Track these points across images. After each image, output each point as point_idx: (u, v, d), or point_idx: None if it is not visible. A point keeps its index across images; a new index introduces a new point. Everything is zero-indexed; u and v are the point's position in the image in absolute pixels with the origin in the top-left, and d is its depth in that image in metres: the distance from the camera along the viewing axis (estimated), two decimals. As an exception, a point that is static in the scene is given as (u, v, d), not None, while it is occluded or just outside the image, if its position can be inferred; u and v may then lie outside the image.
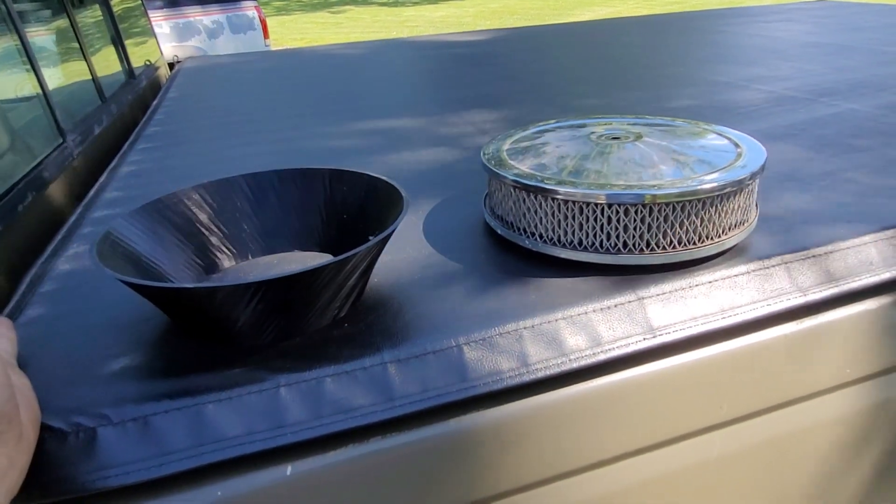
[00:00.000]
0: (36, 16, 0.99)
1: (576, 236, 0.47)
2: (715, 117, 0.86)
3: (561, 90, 1.11)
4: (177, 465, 0.35)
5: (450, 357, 0.40)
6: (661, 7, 9.35)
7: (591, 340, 0.42)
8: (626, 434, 0.44)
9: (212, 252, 0.51)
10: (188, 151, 0.87)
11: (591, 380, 0.42)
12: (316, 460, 0.37)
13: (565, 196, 0.46)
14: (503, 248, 0.52)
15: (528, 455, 0.42)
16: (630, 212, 0.45)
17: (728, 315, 0.45)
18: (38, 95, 0.85)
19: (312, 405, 0.37)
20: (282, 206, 0.54)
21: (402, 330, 0.41)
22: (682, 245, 0.47)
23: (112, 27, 1.42)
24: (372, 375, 0.39)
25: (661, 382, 0.44)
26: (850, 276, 0.48)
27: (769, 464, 0.51)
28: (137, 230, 0.46)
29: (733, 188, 0.46)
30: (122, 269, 0.41)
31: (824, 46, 1.35)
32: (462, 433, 0.40)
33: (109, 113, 1.13)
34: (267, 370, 0.38)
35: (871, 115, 0.83)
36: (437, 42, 1.81)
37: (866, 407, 0.53)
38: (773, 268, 0.47)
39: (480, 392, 0.39)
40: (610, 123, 0.61)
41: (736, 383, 0.46)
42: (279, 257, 0.53)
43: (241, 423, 0.36)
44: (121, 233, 0.45)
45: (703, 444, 0.47)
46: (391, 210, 0.47)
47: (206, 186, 0.52)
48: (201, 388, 0.37)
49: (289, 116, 1.03)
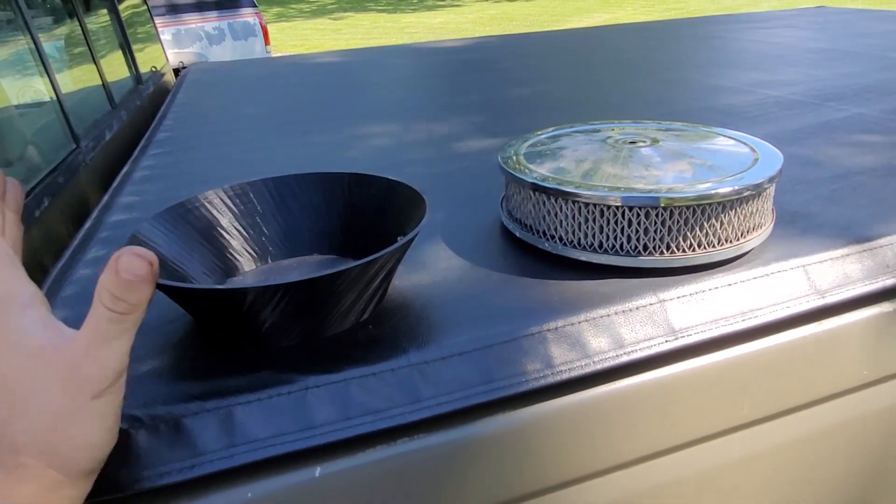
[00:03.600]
0: (48, 21, 0.99)
1: (596, 239, 0.48)
2: (722, 121, 0.87)
3: (567, 95, 1.11)
4: (209, 467, 0.35)
5: (475, 359, 0.40)
6: (659, 14, 9.40)
7: (614, 342, 0.42)
8: (648, 436, 0.45)
9: (232, 255, 0.51)
10: (199, 156, 0.88)
11: (615, 381, 0.42)
12: (344, 461, 0.38)
13: (586, 199, 0.46)
14: (522, 250, 0.52)
15: (553, 457, 0.42)
16: (651, 214, 0.45)
17: (748, 317, 0.45)
18: (52, 101, 0.85)
19: (340, 407, 0.38)
20: (302, 210, 0.54)
21: (426, 332, 0.42)
22: (702, 248, 0.47)
23: (120, 33, 1.43)
24: (399, 377, 0.39)
25: (682, 384, 0.44)
26: (868, 278, 0.49)
27: (790, 465, 0.51)
28: (161, 233, 0.47)
29: (752, 192, 0.46)
30: None
31: (827, 52, 1.36)
32: (488, 435, 0.40)
33: (119, 118, 1.14)
34: (294, 372, 0.39)
35: (879, 120, 0.83)
36: (438, 48, 1.82)
37: (885, 408, 0.53)
38: (792, 271, 0.48)
39: (506, 394, 0.40)
40: (624, 128, 0.61)
41: (756, 385, 0.47)
42: (299, 261, 0.53)
43: (271, 424, 0.37)
44: (146, 235, 0.45)
45: (723, 446, 0.48)
46: (411, 213, 0.47)
47: (227, 190, 0.52)
48: (230, 389, 0.37)
49: (296, 121, 1.04)
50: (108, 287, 0.29)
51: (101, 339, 0.29)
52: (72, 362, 0.29)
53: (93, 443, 0.30)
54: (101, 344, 0.29)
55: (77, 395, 0.29)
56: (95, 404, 0.29)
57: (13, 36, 0.83)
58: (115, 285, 0.29)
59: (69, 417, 0.29)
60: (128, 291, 0.29)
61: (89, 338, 0.29)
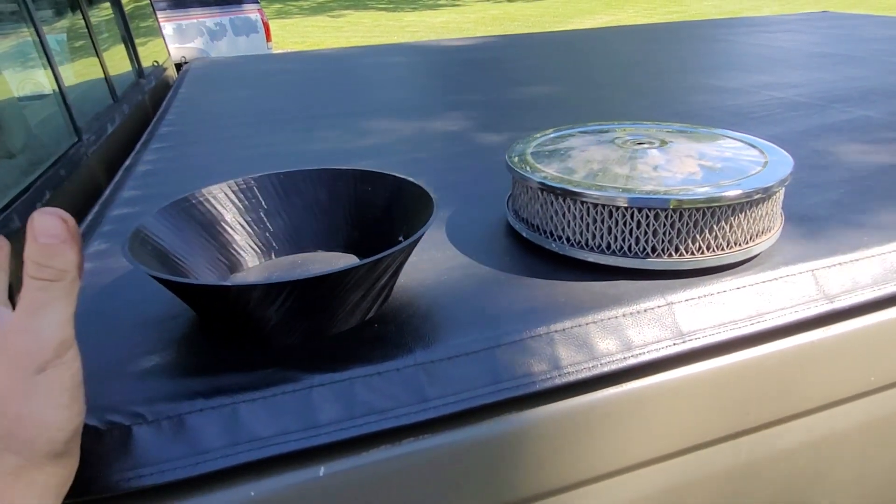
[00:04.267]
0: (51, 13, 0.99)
1: (604, 240, 0.47)
2: (728, 122, 0.87)
3: (571, 96, 1.11)
4: (212, 465, 0.34)
5: (482, 359, 0.40)
6: (661, 17, 9.40)
7: (621, 344, 0.42)
8: (655, 439, 0.44)
9: (236, 250, 0.51)
10: (201, 151, 0.87)
11: (622, 384, 0.42)
12: (349, 461, 0.37)
13: (594, 199, 0.46)
14: (528, 250, 0.52)
15: (560, 458, 0.42)
16: (660, 216, 0.45)
17: (756, 321, 0.45)
18: (55, 94, 0.84)
19: (345, 406, 0.37)
20: (307, 206, 0.53)
21: (432, 331, 0.41)
22: (711, 251, 0.47)
23: (123, 27, 1.42)
24: (404, 377, 0.39)
25: (690, 387, 0.44)
26: (876, 283, 0.48)
27: (796, 471, 0.51)
28: (165, 227, 0.46)
29: (762, 195, 0.46)
30: (152, 265, 0.41)
31: (831, 56, 1.36)
32: (494, 436, 0.40)
33: (121, 112, 1.13)
34: (299, 370, 0.38)
35: (886, 122, 0.83)
36: (441, 47, 1.81)
37: (892, 415, 0.53)
38: (800, 275, 0.47)
39: (513, 395, 0.39)
40: (632, 129, 0.61)
41: (763, 389, 0.46)
42: (303, 257, 0.53)
43: (275, 422, 0.36)
44: (150, 230, 0.44)
45: (730, 450, 0.47)
46: (417, 211, 0.47)
47: (232, 185, 0.52)
48: (234, 387, 0.37)
49: (299, 118, 1.03)
50: (31, 255, 0.28)
51: (31, 310, 0.28)
52: (8, 339, 0.28)
53: (46, 421, 0.28)
54: (32, 315, 0.28)
55: (16, 372, 0.28)
56: (40, 379, 0.28)
57: (17, 28, 0.82)
58: (36, 252, 0.28)
59: (13, 396, 0.27)
60: (49, 256, 0.28)
61: (22, 310, 0.28)
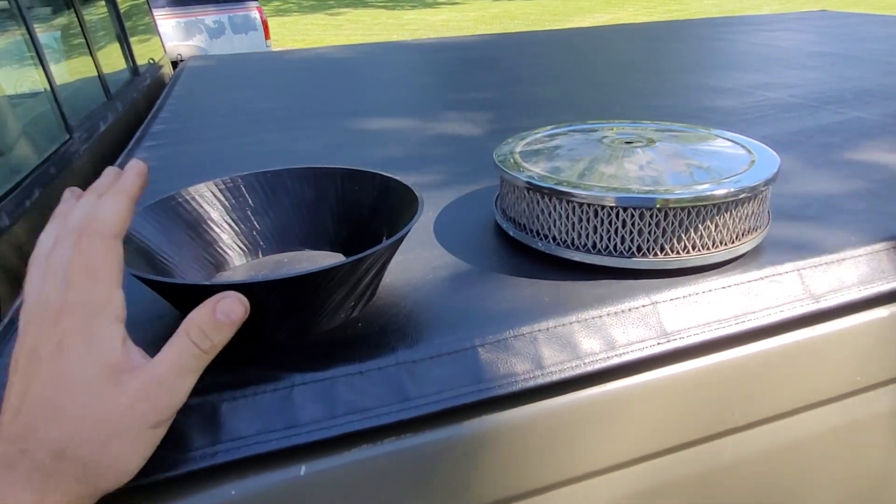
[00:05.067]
0: (44, 11, 0.98)
1: (590, 239, 0.47)
2: (721, 123, 0.87)
3: (566, 95, 1.11)
4: (192, 465, 0.34)
5: (464, 358, 0.40)
6: (661, 15, 9.39)
7: (605, 344, 0.42)
8: (639, 438, 0.44)
9: (222, 249, 0.51)
10: (194, 149, 0.87)
11: (606, 383, 0.42)
12: (330, 460, 0.37)
13: (580, 199, 0.46)
14: (515, 249, 0.52)
15: (542, 458, 0.42)
16: (645, 215, 0.45)
17: (741, 321, 0.45)
18: (46, 91, 0.84)
19: (327, 405, 0.37)
20: (293, 205, 0.53)
21: (416, 331, 0.41)
22: (696, 250, 0.46)
23: (117, 24, 1.42)
24: (386, 376, 0.38)
25: (674, 387, 0.44)
26: (863, 283, 0.48)
27: (780, 470, 0.51)
28: (150, 226, 0.46)
29: (748, 194, 0.46)
30: (136, 264, 0.41)
31: (828, 56, 1.36)
32: (476, 435, 0.40)
33: (115, 110, 1.13)
34: (281, 369, 0.38)
35: (879, 124, 0.83)
36: (440, 45, 1.81)
37: (877, 414, 0.53)
38: (786, 274, 0.47)
39: (495, 394, 0.39)
40: (621, 128, 0.61)
41: (748, 389, 0.46)
42: (289, 256, 0.53)
43: (256, 422, 0.36)
44: (133, 228, 0.44)
45: (714, 450, 0.47)
46: (404, 210, 0.46)
47: (218, 183, 0.52)
48: (215, 386, 0.37)
49: (294, 116, 1.03)
50: (200, 324, 0.31)
51: (178, 371, 0.30)
52: (145, 387, 0.30)
53: (128, 468, 0.30)
54: (177, 375, 0.30)
55: (140, 420, 0.30)
56: (152, 432, 0.30)
57: (8, 26, 0.82)
58: (209, 324, 0.31)
59: (124, 438, 0.29)
60: (217, 332, 0.31)
61: (168, 367, 0.30)
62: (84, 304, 0.30)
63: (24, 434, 0.29)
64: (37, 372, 0.30)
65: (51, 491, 0.28)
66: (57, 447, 0.29)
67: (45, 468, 0.28)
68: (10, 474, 0.28)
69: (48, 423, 0.29)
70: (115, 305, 0.31)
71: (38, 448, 0.28)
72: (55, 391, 0.29)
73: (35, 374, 0.30)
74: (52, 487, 0.28)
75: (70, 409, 0.29)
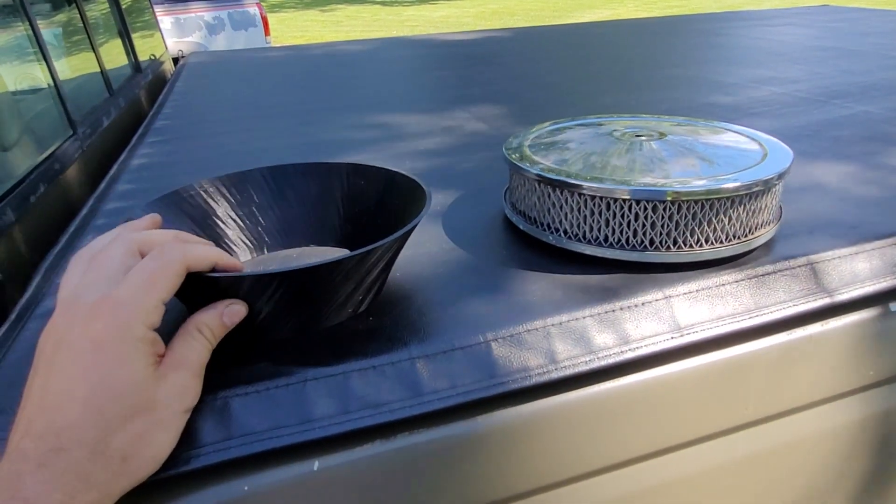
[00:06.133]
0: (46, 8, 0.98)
1: (601, 233, 0.47)
2: (727, 117, 0.86)
3: (570, 89, 1.10)
4: (205, 460, 0.34)
5: (477, 353, 0.39)
6: (661, 11, 9.37)
7: (618, 338, 0.42)
8: (652, 433, 0.44)
9: (228, 245, 0.51)
10: (197, 145, 0.87)
11: (619, 378, 0.42)
12: (343, 455, 0.37)
13: (592, 191, 0.45)
14: (525, 243, 0.51)
15: (556, 454, 0.41)
16: (658, 208, 0.45)
17: (755, 315, 0.44)
18: (50, 87, 0.84)
19: (339, 400, 0.37)
20: (299, 200, 0.53)
21: (428, 325, 0.41)
22: (709, 244, 0.46)
23: (119, 20, 1.41)
24: (399, 371, 0.38)
25: (687, 381, 0.44)
26: (875, 277, 0.48)
27: (794, 465, 0.51)
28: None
29: (761, 188, 0.45)
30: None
31: (831, 50, 1.35)
32: (490, 430, 0.39)
33: (117, 106, 1.12)
34: (293, 364, 0.38)
35: (885, 118, 0.83)
36: (441, 41, 1.80)
37: (890, 410, 0.52)
38: (799, 268, 0.47)
39: (509, 389, 0.39)
40: (630, 122, 0.61)
41: (762, 384, 0.46)
42: (296, 251, 0.52)
43: (269, 417, 0.36)
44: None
45: (728, 445, 0.47)
46: (411, 205, 0.46)
47: (224, 179, 0.51)
48: (227, 380, 0.37)
49: (296, 112, 1.02)
50: (209, 324, 0.35)
51: (203, 362, 0.34)
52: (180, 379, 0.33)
53: (163, 455, 0.32)
54: (202, 366, 0.34)
55: (177, 408, 0.32)
56: (182, 417, 0.33)
57: (11, 22, 0.82)
58: (216, 324, 0.35)
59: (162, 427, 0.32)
60: (221, 332, 0.36)
61: (194, 360, 0.34)
62: (132, 306, 0.31)
63: (58, 432, 0.28)
64: (64, 367, 0.30)
65: (83, 491, 0.28)
66: (96, 446, 0.29)
67: (81, 467, 0.28)
68: (42, 473, 0.27)
69: (86, 422, 0.29)
70: (156, 318, 0.32)
71: (75, 447, 0.28)
72: (93, 390, 0.29)
73: (62, 368, 0.30)
74: (85, 486, 0.28)
75: (111, 409, 0.29)
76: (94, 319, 0.30)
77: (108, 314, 0.30)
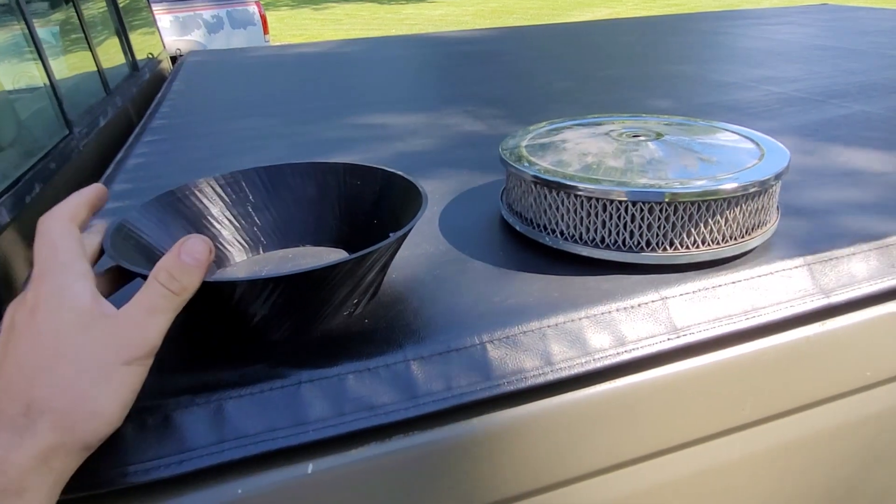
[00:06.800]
0: (43, 6, 0.97)
1: (598, 234, 0.47)
2: (725, 116, 0.86)
3: (568, 89, 1.10)
4: (198, 462, 0.34)
5: (473, 355, 0.39)
6: (660, 9, 9.37)
7: (614, 340, 0.42)
8: (649, 435, 0.44)
9: (223, 245, 0.50)
10: (194, 145, 0.87)
11: (615, 379, 0.42)
12: (338, 458, 0.37)
13: (588, 193, 0.45)
14: (521, 244, 0.51)
15: (552, 455, 0.41)
16: (654, 210, 0.45)
17: (751, 316, 0.44)
18: (46, 86, 0.84)
19: (334, 402, 0.37)
20: (295, 200, 0.53)
21: (423, 327, 0.41)
22: (706, 245, 0.46)
23: (116, 19, 1.41)
24: (395, 373, 0.38)
25: (684, 383, 0.44)
26: (873, 278, 0.48)
27: (791, 466, 0.51)
28: (150, 222, 0.45)
29: (758, 188, 0.45)
30: (136, 260, 0.40)
31: (830, 49, 1.35)
32: (485, 432, 0.39)
33: (114, 105, 1.12)
34: (288, 366, 0.38)
35: (883, 117, 0.82)
36: (439, 39, 1.80)
37: (888, 410, 0.52)
38: (796, 269, 0.47)
39: (504, 391, 0.39)
40: (627, 122, 0.60)
41: (759, 385, 0.46)
42: (292, 252, 0.52)
43: (263, 419, 0.36)
44: (134, 224, 0.44)
45: (725, 446, 0.47)
46: (407, 206, 0.46)
47: (219, 179, 0.51)
48: (221, 383, 0.36)
49: (294, 111, 1.02)
50: (167, 267, 0.32)
51: (148, 310, 0.32)
52: (116, 325, 0.31)
53: (103, 411, 0.30)
54: (148, 314, 0.32)
55: (111, 355, 0.30)
56: (124, 370, 0.31)
57: (7, 21, 0.82)
58: (174, 266, 0.32)
59: (95, 375, 0.30)
60: (183, 273, 0.32)
61: (138, 307, 0.32)
62: (50, 270, 0.32)
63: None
64: (13, 342, 0.30)
65: (17, 446, 0.28)
66: (26, 399, 0.29)
67: (15, 424, 0.28)
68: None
69: (18, 379, 0.29)
70: (80, 267, 0.32)
71: (9, 406, 0.29)
72: (27, 349, 0.30)
73: (11, 345, 0.31)
74: (20, 442, 0.28)
75: (39, 361, 0.29)
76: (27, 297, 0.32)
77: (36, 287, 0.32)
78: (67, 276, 0.32)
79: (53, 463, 0.29)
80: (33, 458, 0.28)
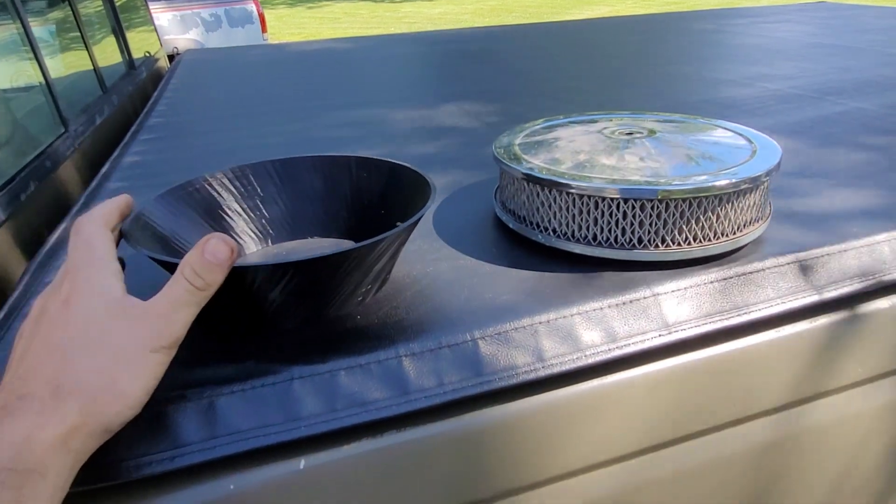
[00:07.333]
0: (38, 4, 0.97)
1: (590, 231, 0.47)
2: (721, 114, 0.86)
3: (564, 87, 1.10)
4: (190, 458, 0.34)
5: (465, 351, 0.39)
6: (659, 7, 9.36)
7: (606, 336, 0.42)
8: (641, 430, 0.44)
9: (235, 236, 0.51)
10: (191, 143, 0.87)
11: (607, 375, 0.42)
12: (330, 454, 0.37)
13: (580, 190, 0.45)
14: (515, 242, 0.51)
15: (543, 451, 0.42)
16: (646, 207, 0.45)
17: (743, 312, 0.45)
18: (41, 84, 0.83)
19: (326, 398, 0.37)
20: (304, 193, 0.53)
21: (416, 323, 0.41)
22: (698, 241, 0.46)
23: (113, 17, 1.41)
24: (387, 369, 0.38)
25: (675, 379, 0.44)
26: (865, 274, 0.48)
27: (782, 462, 0.51)
28: (164, 213, 0.46)
29: (749, 185, 0.45)
30: (153, 248, 0.41)
31: (827, 47, 1.35)
32: (477, 428, 0.39)
33: (111, 103, 1.12)
34: (280, 362, 0.38)
35: (879, 114, 0.83)
36: (437, 38, 1.80)
37: (879, 406, 0.52)
38: (788, 266, 0.47)
39: (496, 387, 0.39)
40: (621, 119, 0.61)
41: (750, 381, 0.46)
42: (301, 243, 0.53)
43: (255, 415, 0.36)
44: (150, 215, 0.44)
45: (717, 442, 0.47)
46: (414, 198, 0.46)
47: (228, 172, 0.52)
48: (213, 379, 0.37)
49: (291, 108, 1.02)
50: (192, 263, 0.34)
51: (175, 303, 0.33)
52: (145, 315, 0.33)
53: (128, 394, 0.31)
54: (173, 306, 0.33)
55: (139, 343, 0.32)
56: (150, 357, 0.32)
57: (2, 19, 0.81)
58: (199, 263, 0.34)
59: (123, 360, 0.31)
60: (206, 270, 0.34)
61: (165, 300, 0.33)
62: (86, 265, 0.34)
63: (25, 378, 0.30)
64: (44, 328, 0.32)
65: (43, 426, 0.29)
66: (56, 382, 0.30)
67: (44, 405, 0.29)
68: (6, 419, 0.29)
69: (49, 362, 0.31)
70: (113, 266, 0.35)
71: (38, 388, 0.30)
72: (60, 334, 0.31)
73: (42, 330, 0.32)
74: (45, 422, 0.29)
75: (72, 346, 0.31)
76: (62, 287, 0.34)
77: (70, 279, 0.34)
78: (101, 271, 0.34)
79: (74, 444, 0.29)
80: (57, 437, 0.29)
